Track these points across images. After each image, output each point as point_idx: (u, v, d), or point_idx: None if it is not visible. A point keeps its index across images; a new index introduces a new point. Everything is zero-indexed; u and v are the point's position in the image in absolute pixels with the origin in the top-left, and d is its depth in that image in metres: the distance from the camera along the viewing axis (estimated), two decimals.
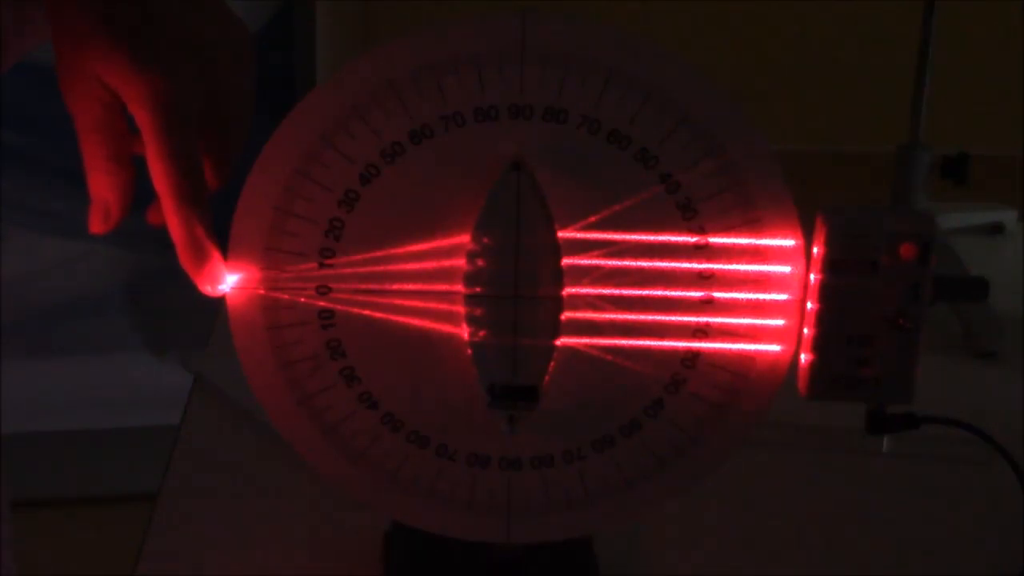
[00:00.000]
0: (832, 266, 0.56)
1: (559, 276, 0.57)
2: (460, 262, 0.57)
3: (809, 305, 0.57)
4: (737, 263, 0.57)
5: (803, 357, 0.58)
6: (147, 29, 0.55)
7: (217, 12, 0.59)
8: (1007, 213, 1.31)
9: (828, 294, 0.57)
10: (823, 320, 0.57)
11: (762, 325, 0.58)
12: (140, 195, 0.58)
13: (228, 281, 0.57)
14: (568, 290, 0.57)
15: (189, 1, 0.57)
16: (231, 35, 0.59)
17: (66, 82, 0.56)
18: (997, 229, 1.29)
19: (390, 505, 0.60)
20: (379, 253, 0.57)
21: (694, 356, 0.58)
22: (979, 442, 0.65)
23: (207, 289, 0.57)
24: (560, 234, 0.56)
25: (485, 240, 0.57)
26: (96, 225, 0.57)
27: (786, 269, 0.57)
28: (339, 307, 0.57)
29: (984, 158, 1.49)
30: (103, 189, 0.57)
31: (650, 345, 0.58)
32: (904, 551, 0.75)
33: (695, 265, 0.57)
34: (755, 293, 0.57)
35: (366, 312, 0.57)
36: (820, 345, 0.57)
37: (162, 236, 0.58)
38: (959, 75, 2.25)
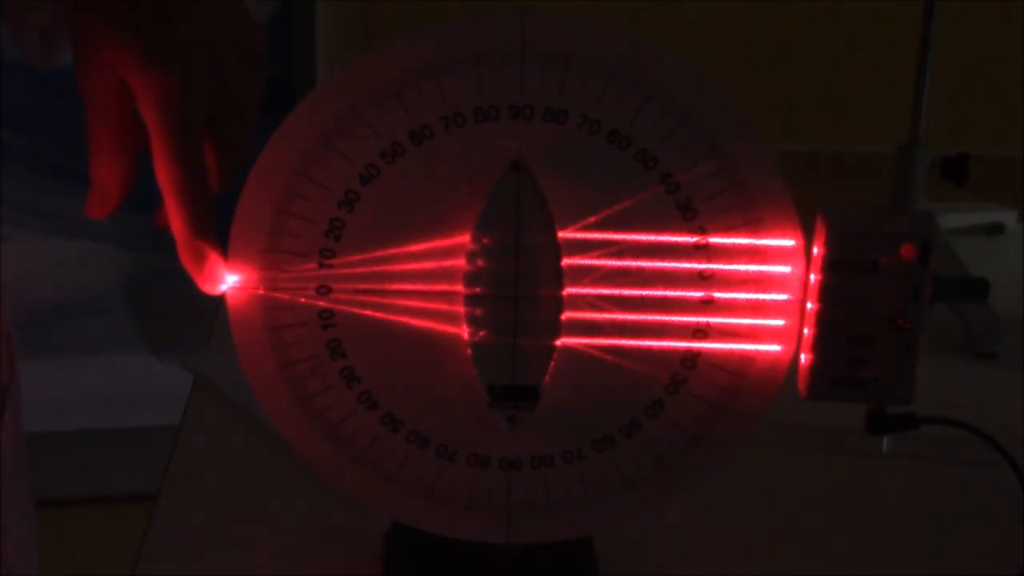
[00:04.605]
0: (832, 266, 0.56)
1: (559, 276, 0.57)
2: (460, 262, 0.57)
3: (809, 305, 0.57)
4: (737, 263, 0.57)
5: (803, 357, 0.58)
6: (165, 28, 0.55)
7: (235, 15, 0.59)
8: (1007, 213, 1.30)
9: (828, 294, 0.57)
10: (823, 320, 0.57)
11: (762, 325, 0.58)
12: (143, 196, 0.58)
13: (228, 281, 0.57)
14: (568, 290, 0.57)
15: (209, 2, 0.58)
16: (246, 39, 0.59)
17: (81, 66, 0.56)
18: (997, 229, 1.29)
19: (390, 505, 0.60)
20: (379, 253, 0.57)
21: (694, 356, 0.58)
22: (979, 442, 0.65)
23: (207, 289, 0.57)
24: (560, 234, 0.56)
25: (485, 240, 0.57)
26: (93, 209, 0.58)
27: (786, 269, 0.57)
28: (339, 307, 0.57)
29: (984, 158, 1.49)
30: (104, 175, 0.57)
31: (650, 345, 0.58)
32: (904, 551, 0.75)
33: (695, 265, 0.57)
34: (755, 293, 0.57)
35: (366, 312, 0.57)
36: (820, 345, 0.57)
37: (162, 236, 0.58)
38: (959, 75, 2.25)
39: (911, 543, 0.75)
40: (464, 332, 0.58)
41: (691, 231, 0.57)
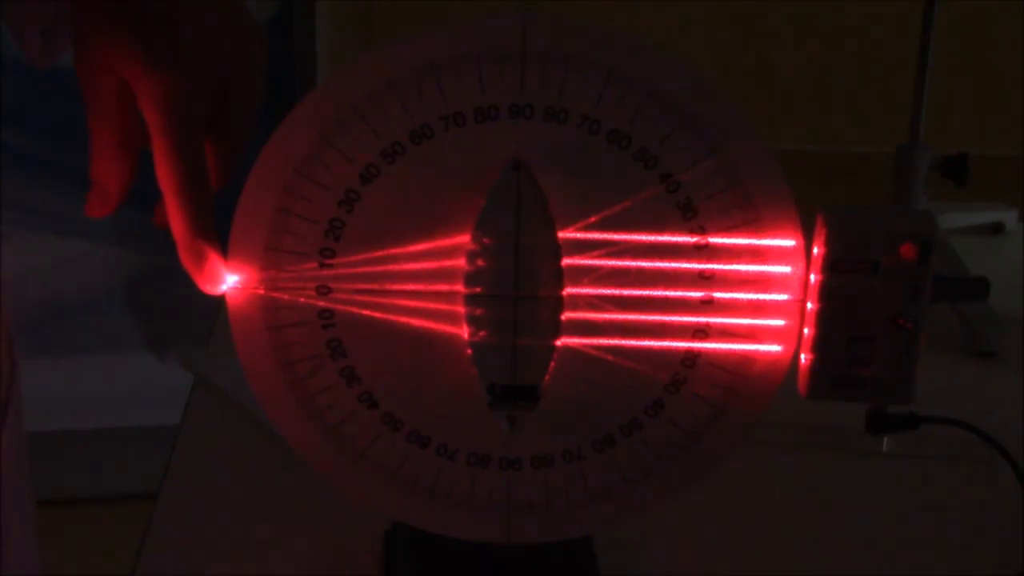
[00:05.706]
0: (832, 266, 0.56)
1: (559, 276, 0.57)
2: (460, 262, 0.57)
3: (809, 305, 0.57)
4: (737, 263, 0.57)
5: (803, 357, 0.58)
6: (166, 28, 0.55)
7: (236, 15, 0.59)
8: (1007, 213, 1.31)
9: (828, 294, 0.57)
10: (823, 320, 0.57)
11: (762, 325, 0.58)
12: (143, 196, 0.58)
13: (228, 281, 0.57)
14: (568, 290, 0.57)
15: (210, 2, 0.58)
16: (247, 39, 0.60)
17: (82, 65, 0.56)
18: (997, 229, 1.29)
19: (390, 505, 0.60)
20: (379, 253, 0.57)
21: (694, 356, 0.58)
22: (979, 442, 0.65)
23: (207, 289, 0.57)
24: (560, 234, 0.56)
25: (485, 240, 0.57)
26: (93, 208, 0.58)
27: (786, 269, 0.57)
28: (339, 307, 0.57)
29: (984, 158, 1.49)
30: (104, 174, 0.57)
31: (650, 345, 0.58)
32: (904, 551, 0.75)
33: (695, 265, 0.57)
34: (755, 293, 0.57)
35: (366, 312, 0.57)
36: (820, 345, 0.57)
37: (162, 236, 0.58)
38: (959, 75, 2.25)
39: (911, 543, 0.75)
40: (464, 332, 0.58)
41: (691, 231, 0.57)
